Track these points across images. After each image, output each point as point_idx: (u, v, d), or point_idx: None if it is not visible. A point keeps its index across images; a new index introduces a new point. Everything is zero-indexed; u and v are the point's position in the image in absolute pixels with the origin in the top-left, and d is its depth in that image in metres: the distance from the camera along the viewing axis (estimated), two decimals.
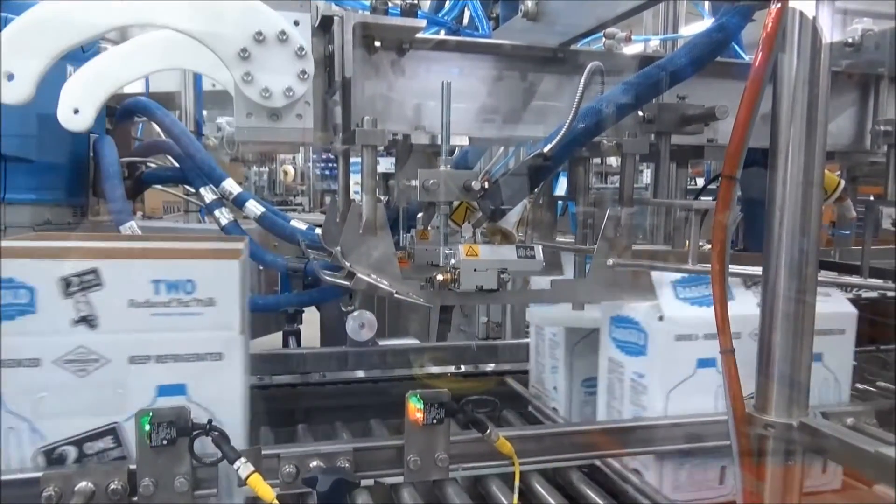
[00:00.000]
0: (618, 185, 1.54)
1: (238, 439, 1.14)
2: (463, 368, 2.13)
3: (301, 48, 1.22)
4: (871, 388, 2.05)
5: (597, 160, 1.76)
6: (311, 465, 1.13)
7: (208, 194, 2.17)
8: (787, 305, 1.08)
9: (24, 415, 1.11)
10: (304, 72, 1.23)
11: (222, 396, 1.17)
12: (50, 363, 1.10)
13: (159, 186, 2.77)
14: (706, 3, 2.29)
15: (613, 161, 4.12)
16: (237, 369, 1.17)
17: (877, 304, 2.26)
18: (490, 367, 2.16)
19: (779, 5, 1.01)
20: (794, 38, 1.05)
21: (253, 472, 1.03)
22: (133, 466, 1.07)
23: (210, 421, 1.07)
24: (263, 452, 1.13)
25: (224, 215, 2.14)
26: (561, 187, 2.09)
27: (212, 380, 1.16)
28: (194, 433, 1.07)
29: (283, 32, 1.19)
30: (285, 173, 9.43)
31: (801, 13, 1.04)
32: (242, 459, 1.04)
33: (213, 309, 1.15)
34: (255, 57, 1.19)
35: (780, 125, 1.07)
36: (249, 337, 1.29)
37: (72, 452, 1.13)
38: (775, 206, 1.08)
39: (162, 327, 1.14)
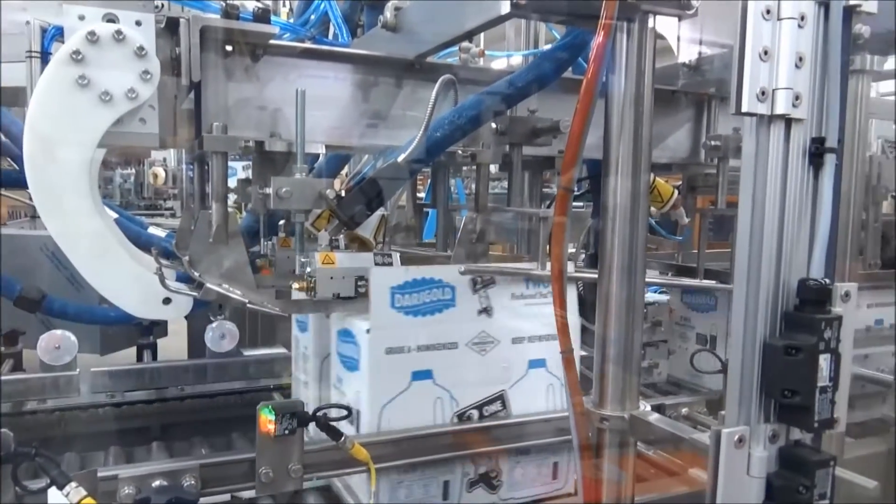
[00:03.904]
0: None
1: None
2: None
3: (141, 48, 1.16)
4: None
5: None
6: (153, 485, 1.08)
7: None
8: (618, 306, 1.16)
9: (447, 386, 1.38)
10: (146, 72, 1.18)
11: None
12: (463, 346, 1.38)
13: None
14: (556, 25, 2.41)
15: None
16: None
17: None
18: None
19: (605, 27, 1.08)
20: (622, 60, 1.13)
21: (85, 496, 0.97)
22: None
23: (36, 446, 0.99)
24: (100, 474, 1.07)
25: None
26: None
27: None
28: (19, 459, 0.99)
29: (119, 32, 1.14)
30: (155, 176, 8.90)
31: (628, 37, 1.13)
32: (73, 484, 0.98)
33: None
34: (89, 58, 1.13)
35: (611, 140, 1.16)
36: None
37: (475, 414, 1.41)
38: (607, 215, 1.16)
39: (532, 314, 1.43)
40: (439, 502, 1.41)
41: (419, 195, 2.27)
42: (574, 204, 2.33)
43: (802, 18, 0.90)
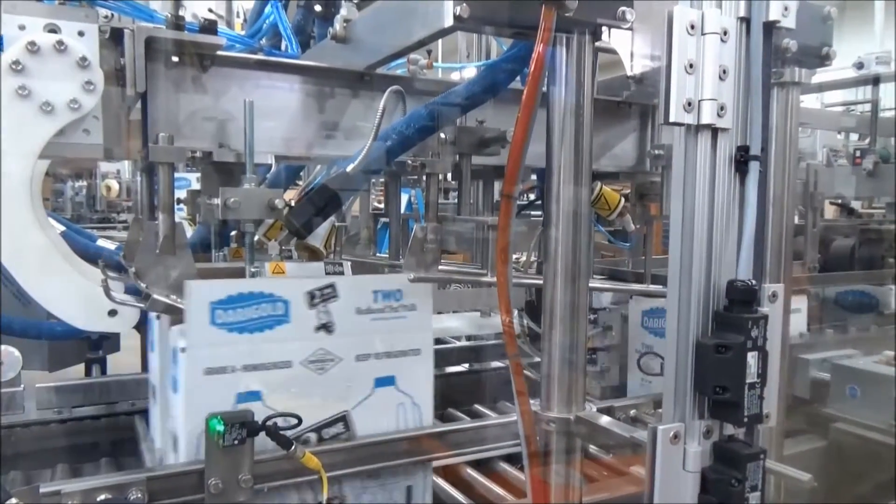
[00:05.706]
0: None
1: (428, 419, 1.44)
2: None
3: (84, 58, 1.16)
4: None
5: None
6: (98, 499, 1.07)
7: None
8: (563, 310, 1.20)
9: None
10: (89, 82, 1.17)
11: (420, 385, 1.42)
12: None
13: None
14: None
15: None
16: (430, 361, 1.44)
17: None
18: None
19: (544, 42, 1.12)
20: (562, 72, 1.18)
21: None
22: None
23: None
24: (42, 490, 1.05)
25: None
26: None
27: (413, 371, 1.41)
28: None
29: (60, 42, 1.13)
30: (108, 188, 8.69)
31: (567, 49, 1.17)
32: (14, 500, 0.96)
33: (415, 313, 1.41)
34: (30, 69, 1.12)
35: (552, 150, 1.19)
36: None
37: (312, 437, 1.33)
38: (551, 223, 1.20)
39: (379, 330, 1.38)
40: None
41: (378, 205, 2.28)
42: (531, 213, 2.38)
43: (725, 33, 0.94)
